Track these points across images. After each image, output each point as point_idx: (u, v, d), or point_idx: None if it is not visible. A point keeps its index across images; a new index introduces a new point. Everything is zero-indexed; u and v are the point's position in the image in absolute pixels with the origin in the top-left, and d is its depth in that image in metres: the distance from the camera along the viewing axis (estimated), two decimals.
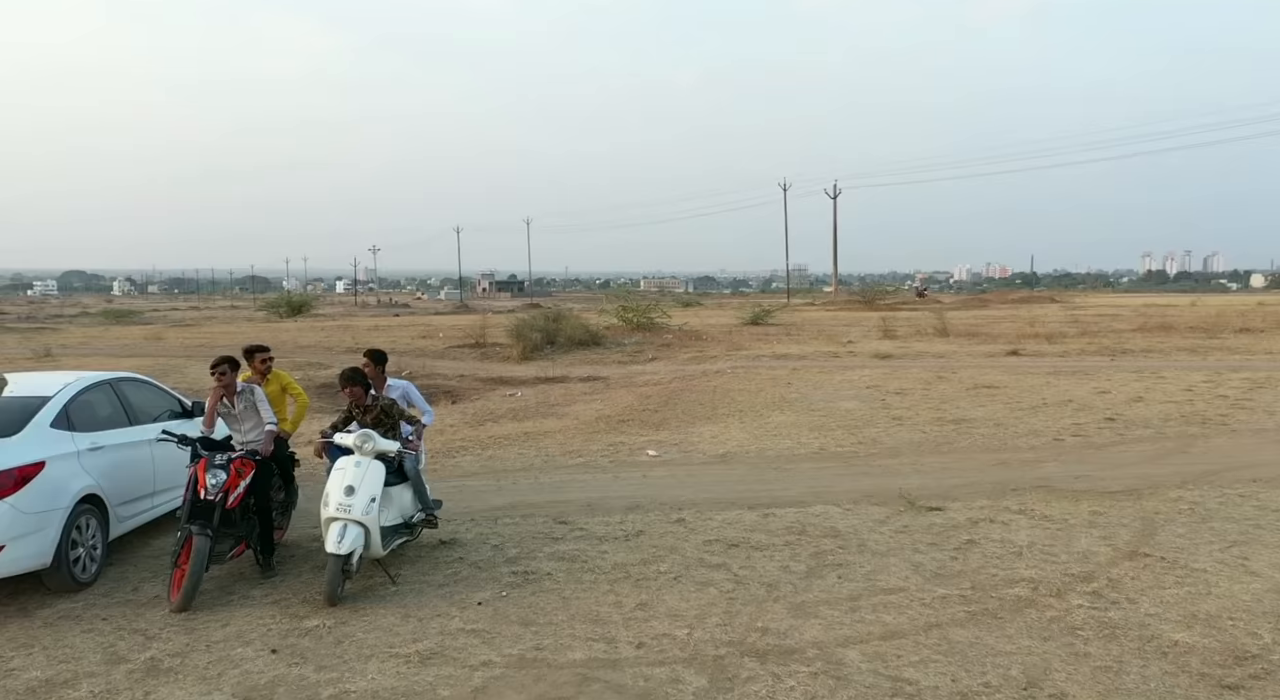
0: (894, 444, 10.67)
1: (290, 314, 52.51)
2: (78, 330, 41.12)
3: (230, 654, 4.94)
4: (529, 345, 24.53)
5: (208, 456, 5.92)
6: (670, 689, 4.43)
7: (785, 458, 10.09)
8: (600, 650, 4.90)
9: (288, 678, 4.63)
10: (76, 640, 5.16)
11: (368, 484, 5.78)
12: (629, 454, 10.46)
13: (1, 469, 5.44)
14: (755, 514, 7.61)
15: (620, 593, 5.76)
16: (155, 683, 4.59)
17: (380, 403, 6.39)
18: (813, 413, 13.03)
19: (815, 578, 5.98)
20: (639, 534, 7.06)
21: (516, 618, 5.38)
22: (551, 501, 8.23)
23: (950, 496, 8.03)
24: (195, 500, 5.79)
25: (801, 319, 40.07)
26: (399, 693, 4.44)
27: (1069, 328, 30.68)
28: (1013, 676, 4.46)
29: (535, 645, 4.98)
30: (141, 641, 5.12)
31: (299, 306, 55.27)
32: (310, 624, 5.34)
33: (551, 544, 6.85)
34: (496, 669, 4.70)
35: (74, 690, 4.53)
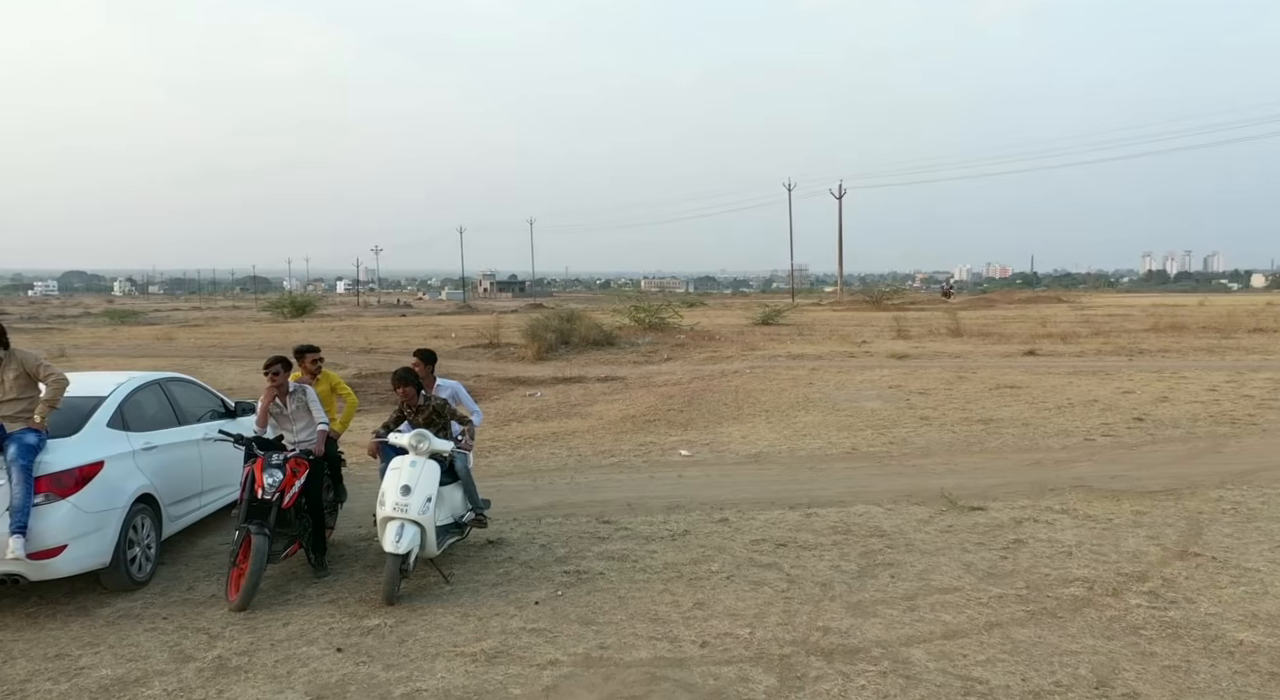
0: (924, 444, 10.68)
1: (294, 314, 52.55)
2: (86, 330, 41.18)
3: (296, 652, 4.96)
4: (544, 345, 24.55)
5: (264, 456, 5.95)
6: (740, 688, 4.45)
7: (818, 458, 10.10)
8: (665, 649, 4.92)
9: (357, 676, 4.65)
10: (141, 639, 5.18)
11: (424, 484, 5.80)
12: (661, 454, 10.48)
13: (63, 468, 5.46)
14: (797, 514, 7.63)
15: (675, 592, 5.78)
16: (226, 681, 4.61)
17: (432, 403, 6.41)
18: (838, 413, 13.04)
19: (868, 577, 6.00)
20: (685, 534, 7.08)
21: (576, 617, 5.40)
22: (590, 501, 8.25)
23: (990, 496, 8.04)
24: (252, 500, 5.81)
25: (811, 319, 40.08)
26: (470, 691, 4.47)
27: (1081, 328, 30.66)
28: (1082, 676, 4.47)
29: (599, 644, 5.00)
30: (206, 640, 5.15)
31: (303, 307, 55.35)
32: (371, 623, 5.36)
33: (599, 543, 6.87)
34: (564, 668, 4.72)
35: (147, 688, 4.56)
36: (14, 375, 5.57)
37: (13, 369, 5.59)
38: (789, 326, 34.07)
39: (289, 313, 53.18)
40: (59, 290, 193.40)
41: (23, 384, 5.59)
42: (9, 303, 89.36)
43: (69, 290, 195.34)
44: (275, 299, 67.42)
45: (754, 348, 24.83)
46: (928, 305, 55.86)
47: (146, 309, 72.19)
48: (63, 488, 5.42)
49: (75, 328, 44.50)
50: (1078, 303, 59.72)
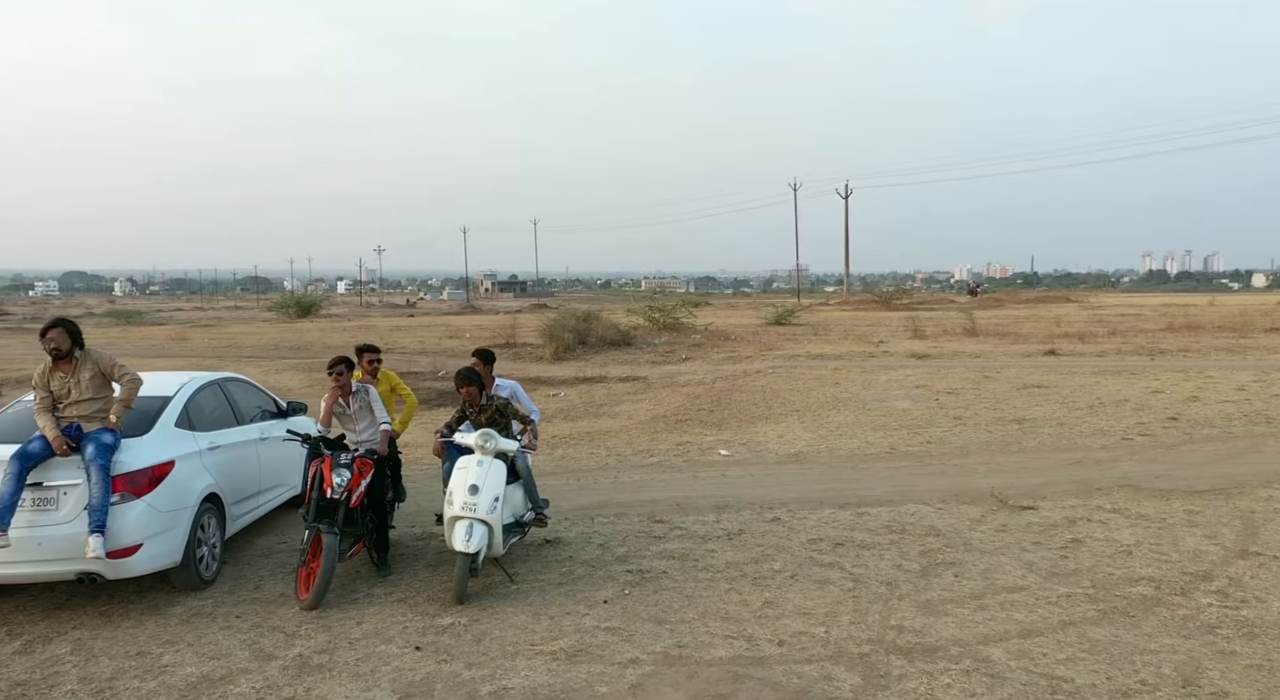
0: (962, 443, 10.69)
1: (299, 314, 52.50)
2: (97, 331, 41.02)
3: (375, 651, 4.99)
4: (561, 345, 24.57)
5: (332, 456, 5.97)
6: (825, 686, 4.47)
7: (857, 457, 10.12)
8: (742, 648, 4.94)
9: (441, 674, 4.68)
10: (219, 637, 5.21)
11: (491, 483, 5.83)
12: (700, 453, 10.50)
13: (138, 468, 5.49)
14: (848, 513, 7.64)
15: (742, 591, 5.80)
16: (312, 679, 4.64)
17: (494, 402, 6.44)
18: (869, 412, 13.05)
19: (932, 576, 6.01)
20: (740, 533, 7.10)
21: (647, 616, 5.42)
22: (638, 500, 8.27)
23: (1037, 496, 8.05)
24: (321, 499, 5.84)
25: (823, 319, 40.08)
26: (556, 690, 4.49)
27: (1095, 327, 30.62)
28: (1166, 675, 4.49)
29: (676, 643, 5.02)
30: (283, 639, 5.18)
31: (308, 307, 55.33)
32: (445, 622, 5.38)
33: (656, 543, 6.89)
34: (645, 666, 4.74)
35: (235, 686, 4.59)
36: (89, 375, 5.60)
37: (88, 369, 5.62)
38: (803, 326, 34.07)
39: (294, 313, 53.13)
40: (59, 290, 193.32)
41: (98, 384, 5.63)
42: (10, 303, 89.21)
43: (69, 290, 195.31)
44: (280, 299, 67.44)
45: (771, 347, 24.84)
46: (936, 305, 55.83)
47: (149, 309, 71.97)
48: (137, 487, 5.45)
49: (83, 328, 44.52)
50: (1086, 302, 59.63)
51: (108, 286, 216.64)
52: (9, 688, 4.62)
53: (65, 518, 5.29)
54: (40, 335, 5.64)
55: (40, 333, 5.66)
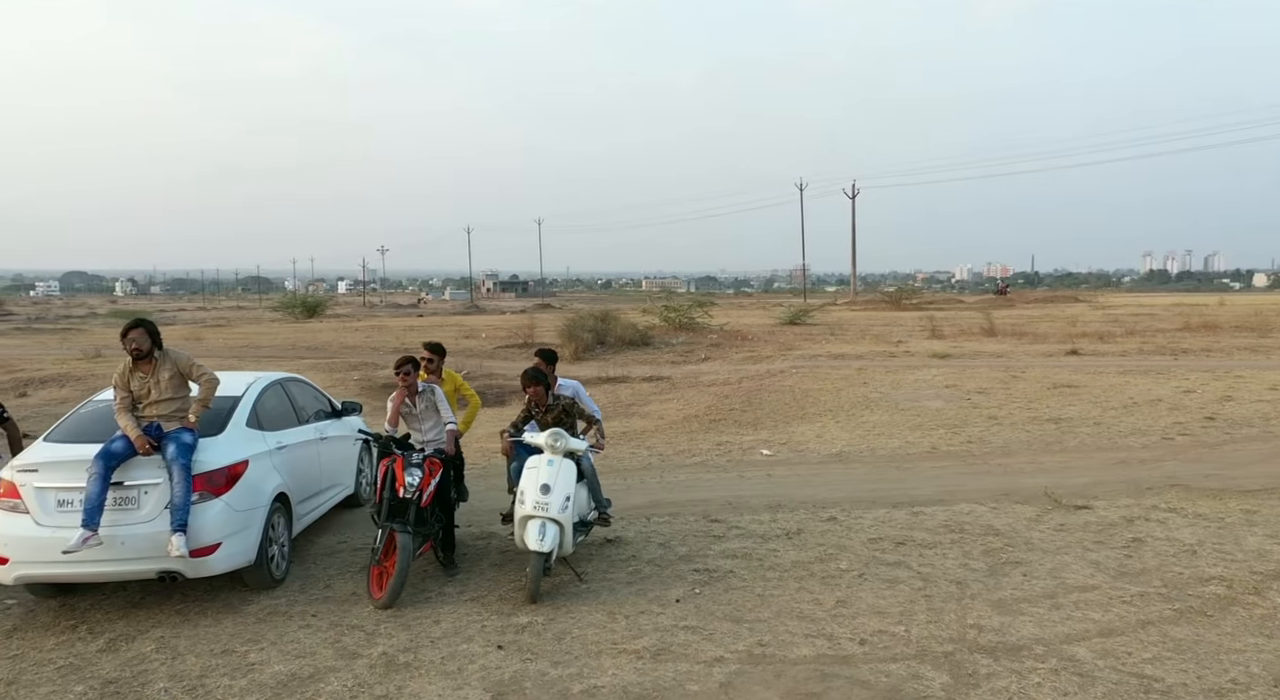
0: (1002, 443, 10.69)
1: (305, 314, 52.45)
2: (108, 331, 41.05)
3: (458, 650, 5.01)
4: (581, 345, 24.62)
5: (404, 455, 6.00)
6: (914, 685, 4.48)
7: (900, 457, 10.12)
8: (825, 647, 4.95)
9: (529, 673, 4.70)
10: (299, 635, 5.24)
11: (562, 482, 5.85)
12: (741, 453, 10.52)
13: (215, 467, 5.52)
14: (903, 512, 7.65)
15: (813, 590, 5.81)
16: (402, 678, 4.66)
17: (561, 402, 6.47)
18: (903, 412, 13.06)
19: (1000, 575, 6.02)
20: (799, 532, 7.11)
21: (723, 614, 5.44)
22: (690, 500, 8.29)
23: (1088, 495, 8.05)
24: (393, 498, 5.86)
25: (836, 319, 40.05)
26: (647, 688, 4.51)
27: (1111, 327, 30.58)
28: (1256, 674, 4.49)
29: (757, 641, 5.03)
30: (364, 637, 5.20)
31: (313, 307, 55.29)
32: (522, 621, 5.40)
33: (717, 542, 6.90)
34: (731, 665, 4.76)
35: (326, 684, 4.61)
36: (168, 375, 5.63)
37: (167, 369, 5.65)
38: (817, 326, 34.06)
39: (300, 313, 53.07)
40: (60, 290, 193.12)
41: (176, 384, 5.66)
42: (12, 303, 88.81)
43: (70, 290, 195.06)
44: (286, 299, 67.47)
45: (790, 347, 24.84)
46: (946, 305, 55.78)
47: (151, 309, 71.45)
48: (216, 486, 5.49)
49: (92, 328, 44.45)
50: (1095, 302, 59.55)
51: (108, 287, 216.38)
52: (101, 685, 4.65)
53: (146, 517, 5.32)
54: (121, 336, 5.67)
55: (121, 333, 5.69)
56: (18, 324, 47.46)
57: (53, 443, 5.72)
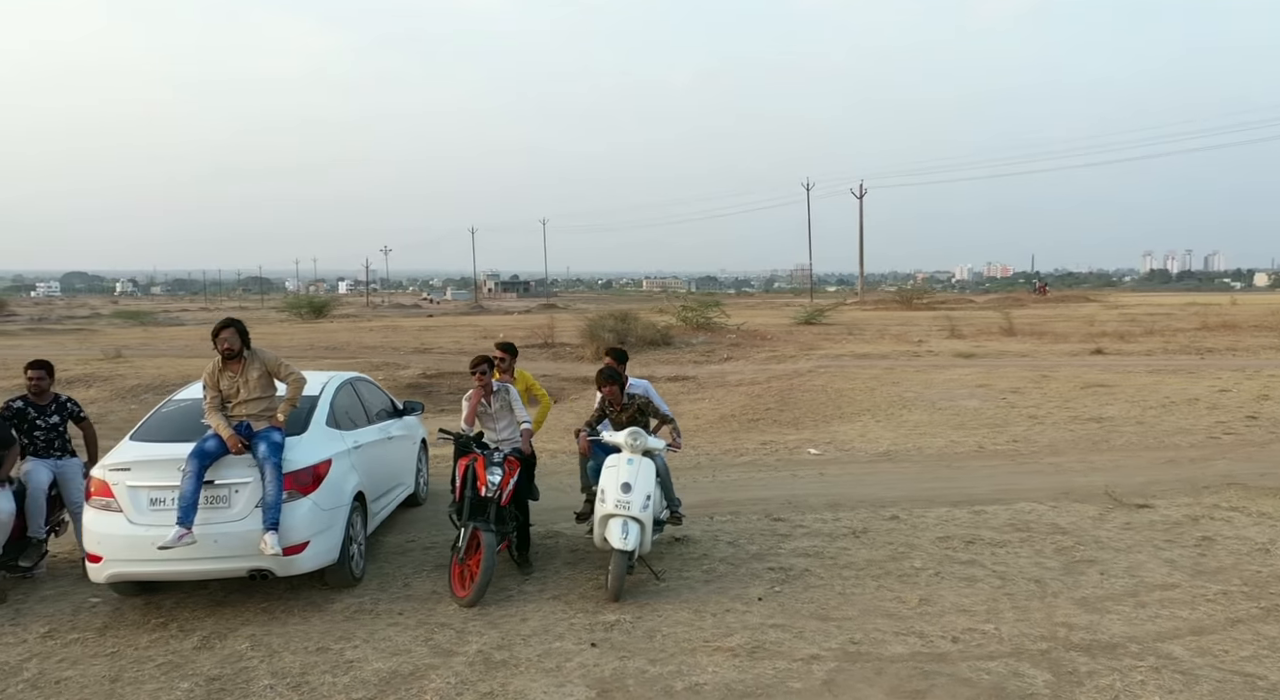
0: (1048, 442, 10.70)
1: (312, 315, 52.50)
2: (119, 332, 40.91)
3: (552, 647, 5.03)
4: (601, 346, 24.60)
5: (485, 454, 6.03)
6: (1017, 682, 4.49)
7: (947, 456, 10.14)
8: (918, 645, 4.96)
9: (628, 671, 4.72)
10: (390, 633, 5.26)
11: (642, 481, 5.88)
12: (788, 452, 10.54)
13: (303, 466, 5.55)
14: (964, 511, 7.67)
15: (892, 589, 5.83)
16: (503, 675, 4.68)
17: (636, 401, 6.50)
18: (941, 412, 13.07)
19: (1077, 574, 6.03)
20: (864, 531, 7.13)
21: (808, 613, 5.45)
22: (748, 499, 8.31)
23: (1146, 494, 8.05)
24: (475, 497, 5.89)
25: (850, 319, 40.03)
26: (750, 686, 4.52)
27: (1128, 327, 30.55)
28: None
29: (849, 639, 5.05)
30: (455, 635, 5.22)
31: (320, 308, 55.34)
32: (609, 618, 5.42)
33: (785, 541, 6.92)
34: (829, 662, 4.77)
35: (428, 681, 4.64)
36: (257, 374, 5.66)
37: (256, 368, 5.69)
38: (834, 326, 34.05)
39: (306, 313, 53.12)
40: (61, 291, 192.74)
41: (264, 383, 5.69)
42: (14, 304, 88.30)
43: (70, 291, 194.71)
44: (293, 300, 67.49)
45: (812, 347, 24.86)
46: (957, 305, 55.72)
47: (154, 309, 70.90)
48: (303, 485, 5.52)
49: (103, 328, 44.39)
50: (1107, 302, 59.45)
51: (109, 287, 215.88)
52: (205, 683, 4.68)
53: (238, 515, 5.35)
54: (213, 335, 5.70)
55: (213, 333, 5.73)
56: (23, 325, 47.22)
57: (139, 442, 5.75)
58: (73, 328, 44.63)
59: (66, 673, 4.83)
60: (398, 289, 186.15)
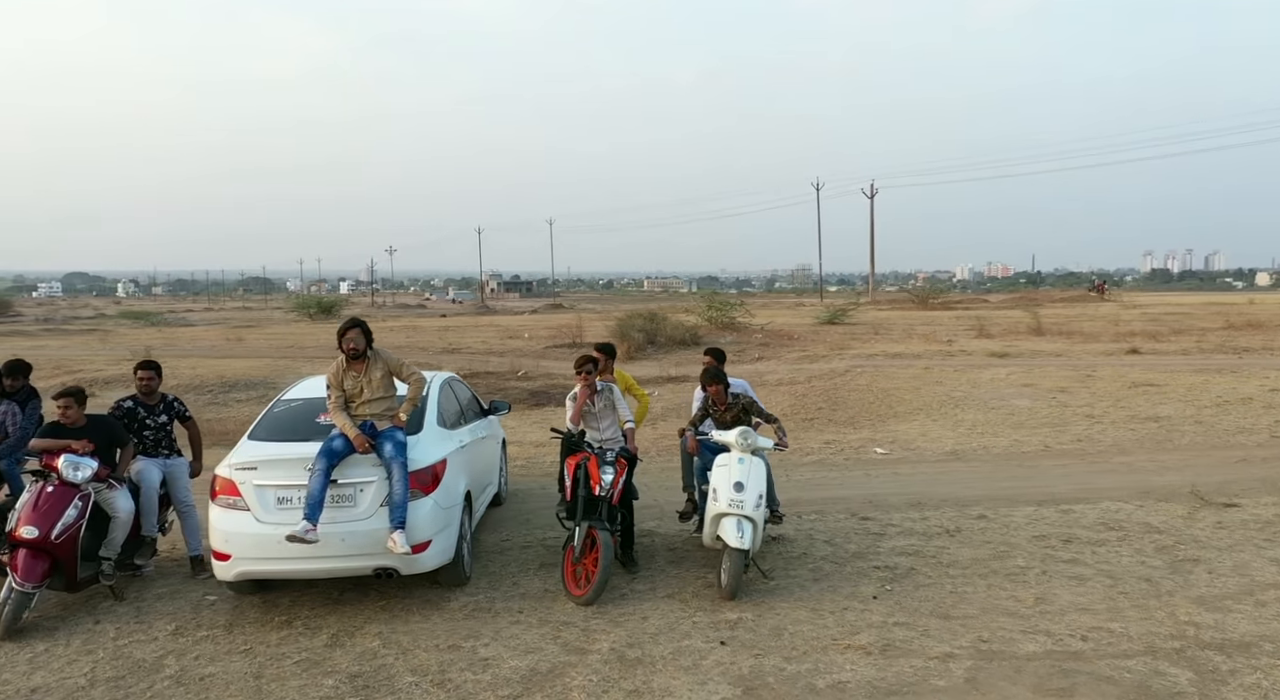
0: (1113, 442, 10.69)
1: (320, 315, 52.65)
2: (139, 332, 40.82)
3: (682, 646, 5.05)
4: (632, 345, 24.63)
5: (598, 453, 6.05)
6: (1160, 681, 4.50)
7: (1015, 456, 10.14)
8: (1049, 643, 4.97)
9: (766, 669, 4.74)
10: (516, 631, 5.29)
11: (754, 480, 5.90)
12: (854, 452, 10.55)
13: (424, 466, 5.59)
14: (1050, 510, 7.67)
15: (1005, 588, 5.84)
16: (643, 673, 4.71)
17: (741, 401, 6.52)
18: (995, 411, 13.06)
19: (1185, 573, 6.04)
20: (958, 530, 7.14)
21: (928, 611, 5.47)
22: (828, 498, 8.32)
23: (1229, 493, 8.05)
24: (589, 496, 5.91)
25: (872, 318, 39.95)
26: (892, 684, 4.54)
27: (1153, 326, 30.45)
28: None
29: (978, 638, 5.06)
30: (581, 633, 5.25)
31: (328, 308, 55.46)
32: (730, 617, 5.45)
33: (881, 540, 6.94)
34: (964, 661, 4.79)
35: (569, 678, 4.66)
36: (380, 374, 5.70)
37: (379, 368, 5.72)
38: (860, 326, 34.00)
39: (314, 313, 53.30)
40: (62, 291, 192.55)
41: (387, 383, 5.73)
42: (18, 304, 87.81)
43: (72, 291, 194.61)
44: (301, 300, 67.58)
45: (842, 347, 24.82)
46: (971, 304, 55.59)
47: (159, 310, 70.63)
48: (425, 485, 5.55)
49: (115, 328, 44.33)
50: (1122, 301, 59.26)
51: (110, 288, 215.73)
52: (348, 680, 4.71)
53: (363, 514, 5.39)
54: (338, 335, 5.75)
55: (339, 333, 5.77)
56: (32, 325, 47.09)
57: (257, 441, 5.79)
58: (87, 328, 44.61)
59: (207, 669, 4.88)
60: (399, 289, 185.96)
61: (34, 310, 73.48)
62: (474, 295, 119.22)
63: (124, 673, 4.86)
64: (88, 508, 5.59)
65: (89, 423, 5.97)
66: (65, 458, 5.57)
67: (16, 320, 52.26)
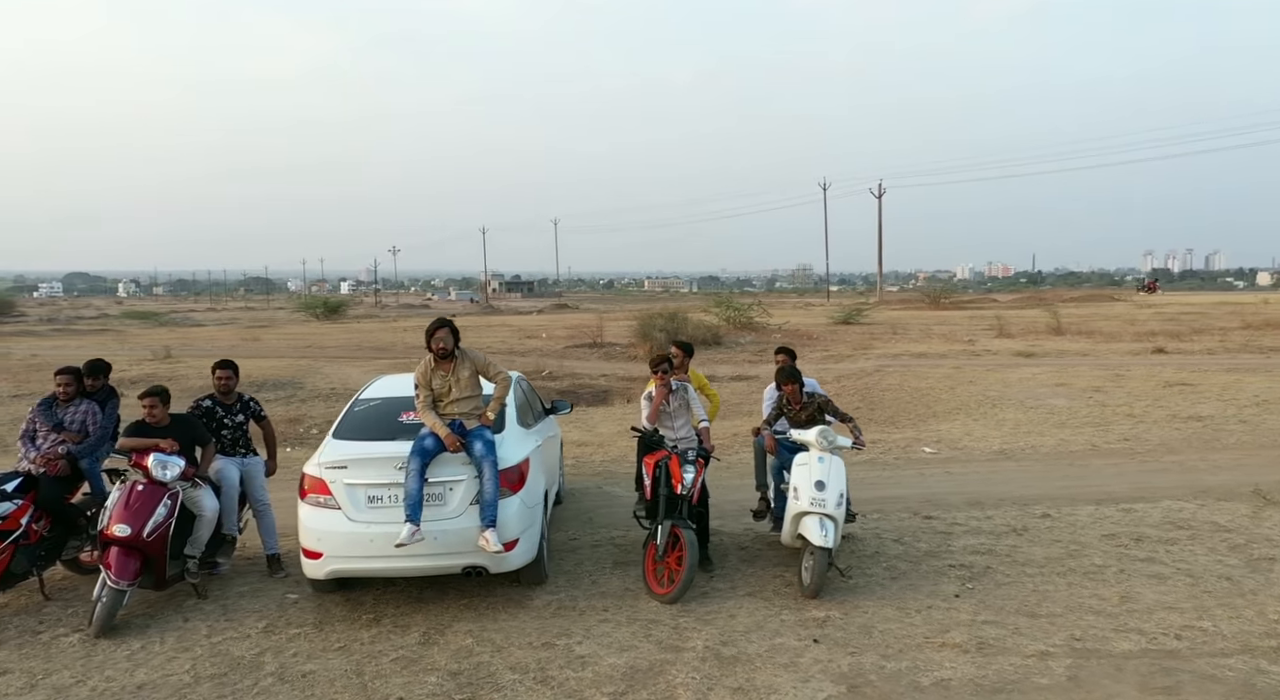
0: (1160, 441, 10.69)
1: (327, 315, 52.69)
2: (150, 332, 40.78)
3: (775, 643, 5.07)
4: (655, 345, 24.64)
5: (679, 453, 6.07)
6: (1264, 679, 4.51)
7: (1064, 455, 10.14)
8: (1143, 642, 4.98)
9: (864, 667, 4.76)
10: (606, 629, 5.31)
11: (835, 479, 5.91)
12: (901, 451, 10.56)
13: (511, 464, 5.61)
14: (1112, 509, 7.68)
15: (1084, 586, 5.85)
16: (743, 670, 4.72)
17: (816, 399, 6.54)
18: (1034, 410, 13.06)
19: (1264, 572, 6.04)
20: (1024, 529, 7.15)
21: (1013, 609, 5.48)
22: (887, 497, 8.33)
23: None
24: (670, 495, 5.93)
25: (887, 318, 39.94)
26: (994, 682, 4.56)
27: (1171, 325, 30.41)
28: None
29: (1069, 636, 5.07)
30: (671, 631, 5.26)
31: (335, 308, 55.45)
32: (817, 615, 5.46)
33: (950, 539, 6.95)
34: (1062, 659, 4.80)
35: (669, 676, 4.68)
36: (468, 374, 5.73)
37: (466, 367, 5.75)
38: (878, 326, 33.99)
39: (321, 313, 53.34)
40: (63, 291, 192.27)
41: (474, 382, 5.76)
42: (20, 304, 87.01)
43: (72, 291, 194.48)
44: (306, 300, 67.46)
45: (865, 347, 24.82)
46: (983, 304, 55.53)
47: (162, 310, 70.33)
48: (512, 483, 5.57)
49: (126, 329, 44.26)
50: (1135, 301, 59.15)
51: (110, 288, 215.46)
52: (450, 676, 4.73)
53: (453, 513, 5.41)
54: (427, 335, 5.78)
55: (428, 332, 5.80)
56: (37, 326, 46.91)
57: (343, 440, 5.81)
58: (95, 328, 44.59)
59: (306, 667, 4.90)
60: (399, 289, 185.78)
61: (37, 310, 73.43)
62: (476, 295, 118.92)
63: (225, 670, 4.89)
64: (176, 506, 5.62)
65: (172, 422, 6.00)
66: (154, 457, 5.60)
67: (21, 320, 52.21)
